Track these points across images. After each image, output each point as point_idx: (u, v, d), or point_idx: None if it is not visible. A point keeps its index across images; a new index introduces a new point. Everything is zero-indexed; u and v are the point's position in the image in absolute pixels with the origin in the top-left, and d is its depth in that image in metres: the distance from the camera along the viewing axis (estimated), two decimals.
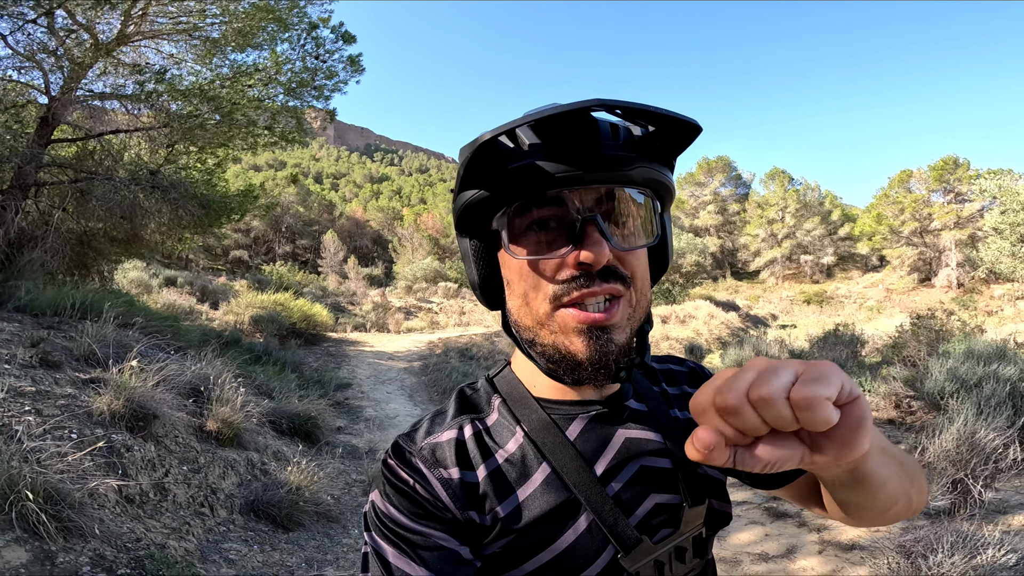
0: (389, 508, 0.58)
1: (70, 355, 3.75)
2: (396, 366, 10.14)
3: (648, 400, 0.67)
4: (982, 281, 31.28)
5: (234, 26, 8.01)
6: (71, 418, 2.72)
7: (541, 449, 0.60)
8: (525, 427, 0.62)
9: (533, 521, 0.57)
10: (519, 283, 0.58)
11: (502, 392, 0.66)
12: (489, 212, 0.57)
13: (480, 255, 0.62)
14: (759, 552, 3.22)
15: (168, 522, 2.72)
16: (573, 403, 0.63)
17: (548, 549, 0.57)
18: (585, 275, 0.54)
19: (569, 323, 0.55)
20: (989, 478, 2.98)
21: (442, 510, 0.57)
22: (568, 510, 0.58)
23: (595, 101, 0.47)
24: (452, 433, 0.61)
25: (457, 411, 0.65)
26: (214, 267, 30.93)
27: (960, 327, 8.92)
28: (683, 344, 15.39)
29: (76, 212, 8.07)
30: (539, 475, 0.59)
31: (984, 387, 3.88)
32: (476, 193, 0.56)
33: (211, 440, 3.51)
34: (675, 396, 0.70)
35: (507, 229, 0.56)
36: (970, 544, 2.13)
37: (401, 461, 0.60)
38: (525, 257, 0.56)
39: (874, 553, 2.98)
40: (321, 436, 5.05)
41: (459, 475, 0.58)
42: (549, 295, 0.56)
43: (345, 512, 3.76)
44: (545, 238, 0.56)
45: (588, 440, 0.61)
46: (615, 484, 0.60)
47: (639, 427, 0.64)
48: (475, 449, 0.60)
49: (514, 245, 0.56)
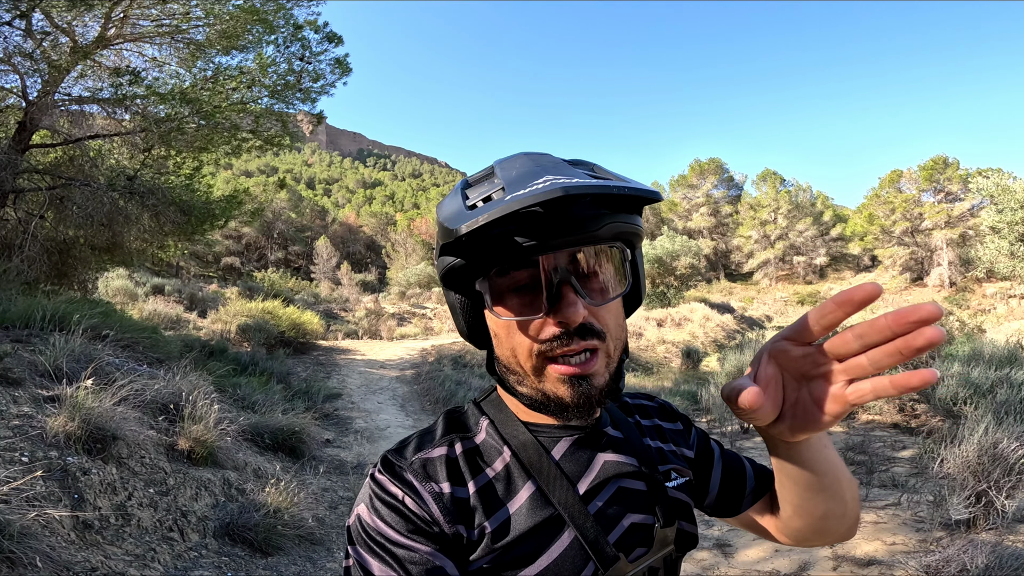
0: (377, 522, 0.58)
1: (34, 370, 3.52)
2: (388, 375, 9.91)
3: (623, 428, 0.71)
4: (974, 280, 31.42)
5: (219, 28, 7.82)
6: (24, 439, 2.50)
7: (527, 467, 0.63)
8: (512, 446, 0.64)
9: (519, 536, 0.59)
10: (506, 339, 0.62)
11: (489, 414, 0.68)
12: (471, 275, 0.61)
13: (466, 308, 0.66)
14: (770, 570, 3.03)
15: (131, 549, 2.49)
16: (557, 427, 0.66)
17: (532, 565, 0.58)
18: (565, 333, 0.57)
19: (554, 376, 0.59)
20: (1012, 488, 2.81)
21: (431, 524, 0.58)
22: (552, 526, 0.60)
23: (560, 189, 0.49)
24: (443, 450, 0.63)
25: (446, 430, 0.67)
26: (205, 274, 30.55)
27: (960, 327, 8.81)
28: (679, 347, 15.23)
29: (55, 219, 7.82)
30: (524, 492, 0.61)
31: (998, 392, 3.72)
32: (455, 261, 0.60)
33: (183, 459, 3.28)
34: (647, 427, 0.76)
35: (489, 292, 0.60)
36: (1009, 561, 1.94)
37: (392, 475, 0.61)
38: (509, 318, 0.59)
39: (893, 568, 2.80)
40: (306, 451, 4.82)
41: (450, 489, 0.60)
42: (535, 352, 0.59)
43: (330, 534, 3.54)
44: (526, 299, 0.59)
45: (572, 461, 0.64)
46: (596, 503, 0.63)
47: (617, 451, 0.67)
48: (465, 466, 0.62)
49: (497, 306, 0.60)
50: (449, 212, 0.58)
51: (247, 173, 64.08)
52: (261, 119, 8.30)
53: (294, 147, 9.71)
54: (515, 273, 0.59)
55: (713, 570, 3.10)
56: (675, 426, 0.79)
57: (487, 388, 0.74)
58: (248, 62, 8.14)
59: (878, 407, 5.94)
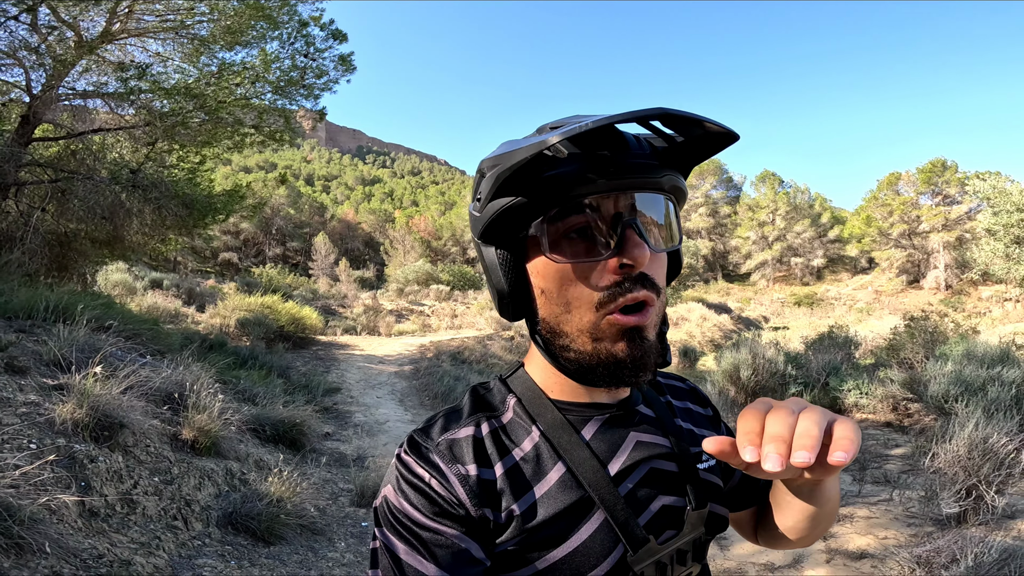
0: (403, 504, 0.57)
1: (39, 360, 3.56)
2: (386, 370, 9.95)
3: (655, 407, 0.70)
4: (970, 283, 31.54)
5: (223, 24, 7.83)
6: (31, 427, 2.54)
7: (556, 448, 0.61)
8: (541, 426, 0.63)
9: (548, 519, 0.58)
10: (559, 292, 0.59)
11: (517, 392, 0.66)
12: (523, 220, 0.58)
13: (508, 265, 0.62)
14: (764, 562, 3.08)
15: (136, 536, 2.54)
16: (587, 405, 0.64)
17: (561, 547, 0.57)
18: (627, 279, 0.56)
19: (612, 329, 0.57)
20: (1001, 484, 2.86)
21: (457, 507, 0.57)
22: (582, 508, 0.59)
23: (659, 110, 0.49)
24: (470, 430, 0.62)
25: (472, 409, 0.65)
26: (203, 269, 30.52)
27: (954, 329, 8.88)
28: (677, 347, 15.30)
29: (57, 212, 7.84)
30: (554, 474, 0.60)
31: (989, 390, 3.78)
32: (513, 200, 0.57)
33: (187, 449, 3.32)
34: (680, 409, 0.74)
35: (546, 236, 0.57)
36: (995, 554, 2.00)
37: (418, 456, 0.60)
38: (571, 261, 0.57)
39: (885, 561, 2.85)
40: (307, 443, 4.86)
41: (476, 471, 0.58)
42: (594, 302, 0.57)
43: (331, 524, 3.58)
44: (583, 245, 0.57)
45: (602, 441, 0.63)
46: (628, 484, 0.62)
47: (649, 431, 0.66)
48: (492, 447, 0.61)
49: (555, 252, 0.57)
50: (515, 144, 0.55)
51: (246, 169, 63.95)
52: (264, 115, 8.33)
53: (294, 143, 9.73)
54: (570, 218, 0.56)
55: (710, 562, 3.15)
56: (706, 411, 0.78)
57: (513, 363, 0.72)
58: (252, 58, 8.16)
59: (872, 406, 6.01)
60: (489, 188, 0.57)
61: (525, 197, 0.56)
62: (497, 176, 0.55)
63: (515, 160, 0.52)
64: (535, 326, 0.64)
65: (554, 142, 0.49)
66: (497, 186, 0.56)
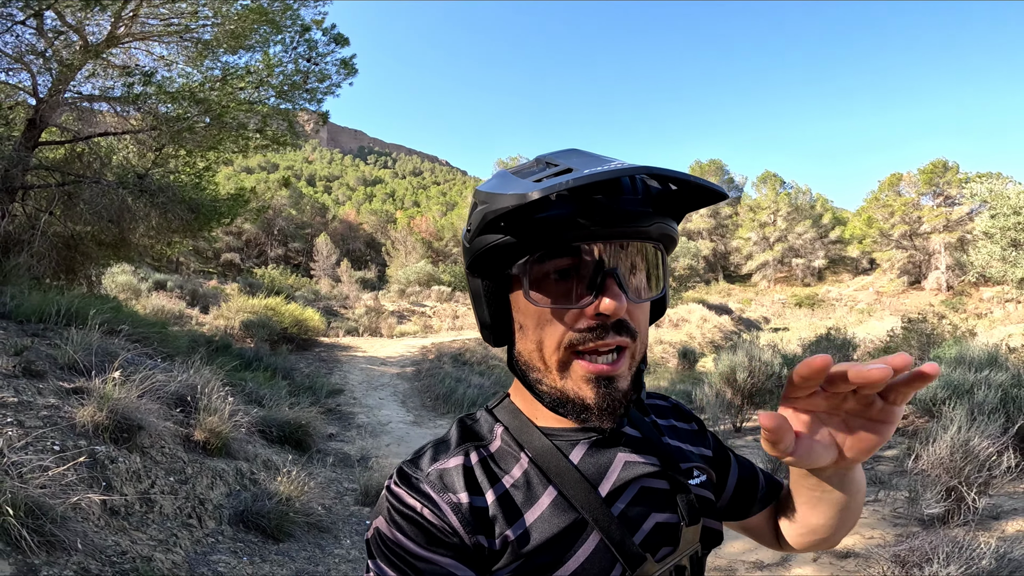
0: (396, 535, 0.58)
1: (54, 363, 3.68)
2: (389, 371, 10.07)
3: (641, 428, 0.70)
4: (971, 284, 31.57)
5: (226, 28, 7.94)
6: (54, 429, 2.66)
7: (546, 473, 0.61)
8: (529, 453, 0.63)
9: (543, 543, 0.58)
10: (534, 329, 0.60)
11: (503, 421, 0.67)
12: (509, 257, 0.59)
13: (492, 296, 0.63)
14: (754, 560, 3.20)
15: (155, 534, 2.66)
16: (573, 430, 0.65)
17: (559, 570, 0.58)
18: (601, 326, 0.57)
19: (580, 372, 0.58)
20: (983, 485, 2.98)
21: (450, 535, 0.57)
22: (576, 531, 0.59)
23: (643, 168, 0.50)
24: (459, 459, 0.62)
25: (460, 439, 0.66)
26: (205, 270, 30.63)
27: (952, 331, 8.97)
28: (676, 348, 15.40)
29: (63, 216, 7.95)
30: (546, 498, 0.60)
31: (976, 393, 3.89)
32: (502, 238, 0.57)
33: (199, 450, 3.44)
34: (664, 427, 0.75)
35: (528, 276, 0.58)
36: (966, 554, 2.11)
37: (408, 487, 0.60)
38: (548, 306, 0.58)
39: (868, 561, 2.96)
40: (312, 444, 4.99)
41: (468, 499, 0.59)
42: (565, 343, 0.58)
43: (337, 522, 3.70)
44: (564, 288, 0.58)
45: (591, 464, 0.63)
46: (619, 504, 0.62)
47: (636, 451, 0.66)
48: (482, 475, 0.61)
49: (535, 292, 0.58)
50: (506, 185, 0.56)
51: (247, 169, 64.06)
52: (268, 119, 8.43)
53: (296, 146, 9.83)
54: (554, 261, 0.57)
55: None
56: (690, 426, 0.78)
57: (499, 395, 0.73)
58: (255, 62, 8.26)
59: None
60: (478, 223, 0.57)
61: (513, 237, 0.57)
62: (484, 215, 0.56)
63: (499, 205, 0.53)
64: (513, 356, 0.65)
65: (535, 196, 0.49)
66: (484, 224, 0.57)
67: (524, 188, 0.52)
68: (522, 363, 0.64)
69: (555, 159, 0.59)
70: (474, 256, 0.61)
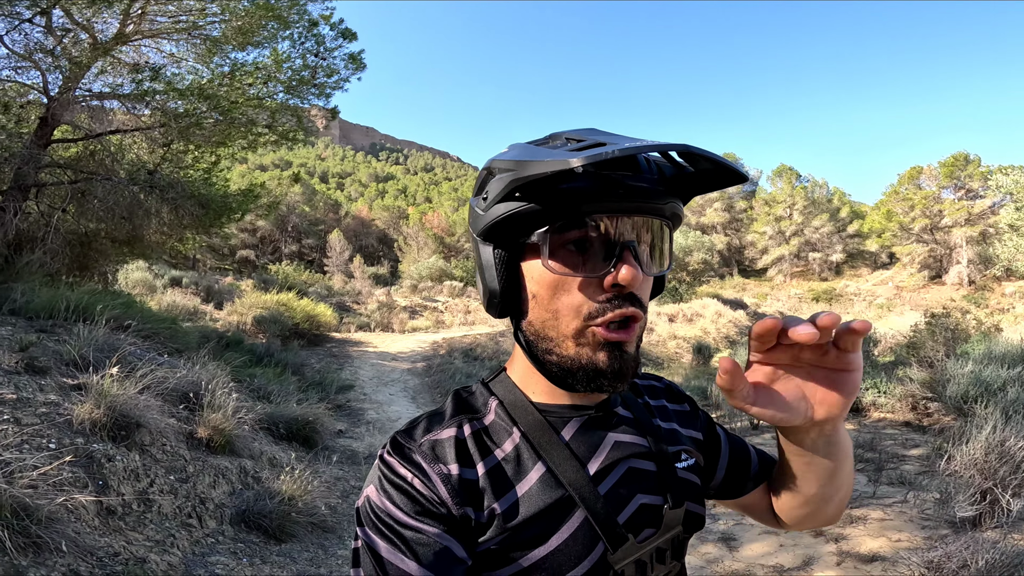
0: (385, 503, 0.59)
1: (59, 359, 3.64)
2: (399, 367, 10.02)
3: (633, 408, 0.72)
4: (993, 279, 30.84)
5: (234, 24, 7.91)
6: (51, 427, 2.60)
7: (537, 449, 0.63)
8: (522, 428, 0.64)
9: (530, 517, 0.59)
10: (550, 299, 0.61)
11: (498, 395, 0.68)
12: (528, 226, 0.60)
13: (504, 265, 0.63)
14: (774, 564, 3.06)
15: (151, 534, 2.59)
16: (567, 407, 0.66)
17: (543, 546, 0.59)
18: (618, 296, 0.58)
19: (596, 340, 0.59)
20: (1018, 487, 2.81)
21: (438, 506, 0.58)
22: (563, 507, 0.60)
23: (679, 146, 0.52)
24: (452, 431, 0.63)
25: (455, 411, 0.66)
26: (221, 267, 30.96)
27: (976, 326, 8.69)
28: (690, 343, 15.17)
29: (76, 213, 7.99)
30: (535, 473, 0.61)
31: (1009, 391, 3.70)
32: (523, 206, 0.58)
33: (202, 448, 3.38)
34: (656, 407, 0.76)
35: (547, 245, 0.59)
36: (1009, 560, 1.96)
37: (400, 457, 0.61)
38: (569, 274, 0.59)
39: (897, 565, 2.82)
40: (319, 440, 4.93)
41: (458, 471, 0.60)
42: (584, 313, 0.59)
43: (341, 522, 3.63)
44: (581, 258, 0.59)
45: (581, 441, 0.65)
46: (607, 483, 0.63)
47: (627, 431, 0.68)
48: (474, 447, 0.62)
49: (553, 261, 0.59)
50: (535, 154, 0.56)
51: (262, 167, 64.58)
52: (277, 114, 8.42)
53: (308, 142, 9.81)
54: (573, 231, 0.58)
55: (718, 563, 3.14)
56: (682, 407, 0.80)
57: (495, 368, 0.74)
58: (263, 58, 8.23)
59: (890, 405, 5.91)
60: (499, 190, 0.58)
61: (537, 205, 0.58)
62: (512, 181, 0.56)
63: (535, 171, 0.54)
64: (520, 326, 0.65)
65: (578, 165, 0.50)
66: (509, 191, 0.58)
67: (561, 156, 0.52)
68: (531, 333, 0.64)
69: (578, 135, 0.60)
70: (491, 224, 0.61)
